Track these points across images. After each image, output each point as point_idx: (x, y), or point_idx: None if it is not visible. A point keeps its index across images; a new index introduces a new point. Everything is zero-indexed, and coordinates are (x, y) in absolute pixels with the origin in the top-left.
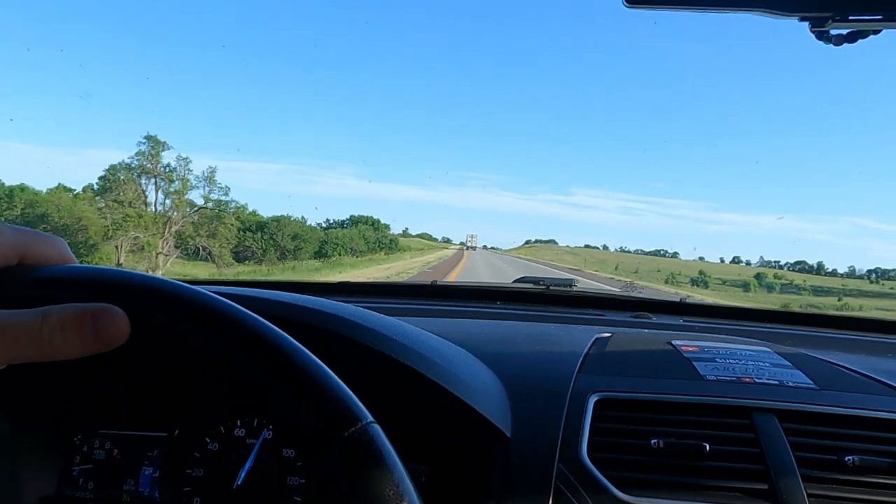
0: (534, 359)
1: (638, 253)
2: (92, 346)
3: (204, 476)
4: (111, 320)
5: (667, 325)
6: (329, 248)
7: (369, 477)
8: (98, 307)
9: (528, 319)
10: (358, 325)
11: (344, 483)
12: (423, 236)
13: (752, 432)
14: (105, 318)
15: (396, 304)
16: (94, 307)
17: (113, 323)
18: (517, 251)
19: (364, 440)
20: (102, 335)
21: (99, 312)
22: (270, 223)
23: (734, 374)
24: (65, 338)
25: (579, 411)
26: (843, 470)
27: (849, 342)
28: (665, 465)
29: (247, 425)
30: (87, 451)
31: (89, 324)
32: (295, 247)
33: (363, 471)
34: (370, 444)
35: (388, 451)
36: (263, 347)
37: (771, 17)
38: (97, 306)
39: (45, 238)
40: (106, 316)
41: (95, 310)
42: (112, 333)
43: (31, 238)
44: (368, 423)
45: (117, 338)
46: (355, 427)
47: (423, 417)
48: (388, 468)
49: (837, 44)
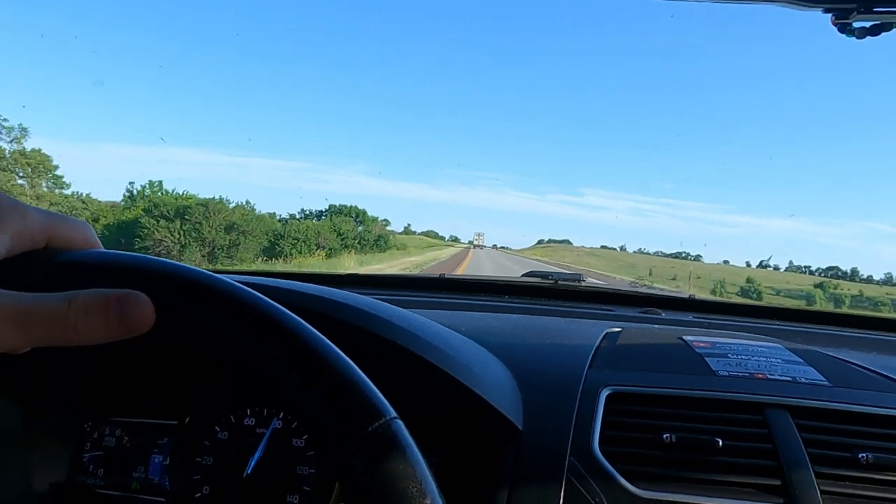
0: (545, 352)
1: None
2: (116, 332)
3: (213, 464)
4: (136, 307)
5: (677, 321)
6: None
7: (392, 473)
8: (124, 293)
9: (537, 313)
10: (370, 314)
11: (367, 478)
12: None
13: (764, 428)
14: (130, 305)
15: (405, 297)
16: (119, 293)
17: (138, 310)
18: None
19: (388, 435)
20: (127, 321)
21: (124, 298)
22: (195, 209)
23: (746, 369)
24: (89, 323)
25: (591, 405)
26: (857, 467)
27: (859, 340)
28: (677, 459)
29: (257, 415)
30: (97, 438)
31: (114, 309)
32: (230, 241)
33: (386, 466)
34: (394, 440)
35: (411, 448)
36: (290, 340)
37: (794, 8)
38: (123, 292)
39: (72, 222)
40: (131, 302)
41: (121, 295)
42: (137, 320)
43: (58, 222)
44: (392, 418)
45: (142, 325)
46: (379, 422)
47: (434, 409)
48: (411, 464)
49: (860, 37)
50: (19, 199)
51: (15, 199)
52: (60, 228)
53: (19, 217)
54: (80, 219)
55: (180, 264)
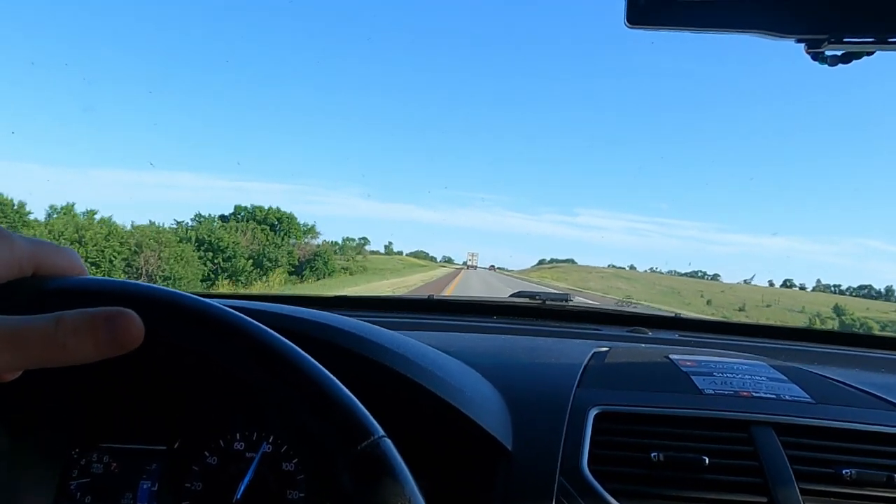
0: (533, 372)
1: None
2: (107, 349)
3: (203, 490)
4: (125, 323)
5: (663, 340)
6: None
7: (381, 491)
8: (111, 310)
9: (525, 333)
10: (360, 337)
11: (356, 497)
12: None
13: (750, 445)
14: (119, 321)
15: (393, 318)
16: (107, 310)
17: (127, 326)
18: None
19: (377, 454)
20: (117, 338)
21: (113, 316)
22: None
23: (732, 387)
24: (79, 342)
25: (580, 425)
26: (841, 483)
27: (842, 357)
28: (665, 477)
29: (246, 439)
30: (84, 465)
31: (103, 327)
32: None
33: (375, 485)
34: (382, 459)
35: (399, 466)
36: (278, 361)
37: (769, 38)
38: (111, 310)
39: (59, 250)
40: (120, 319)
41: (109, 313)
42: (126, 337)
43: (45, 250)
44: (380, 437)
45: (131, 341)
46: (368, 441)
47: (423, 430)
48: (400, 483)
49: (833, 64)
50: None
51: (1, 227)
52: (48, 256)
53: (6, 245)
54: (66, 246)
55: (169, 289)
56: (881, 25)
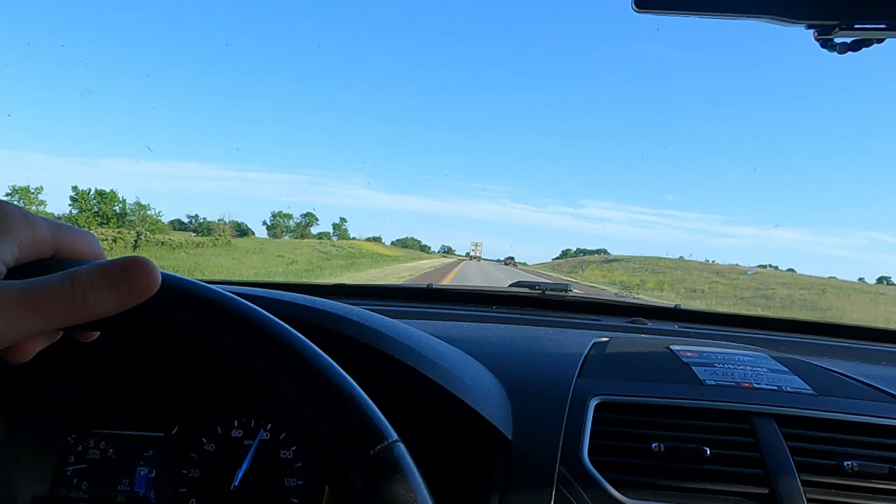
0: (534, 362)
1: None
2: (127, 299)
3: (200, 477)
4: (141, 269)
5: (663, 331)
6: None
7: (393, 497)
8: (125, 259)
9: (525, 323)
10: (361, 325)
11: (367, 501)
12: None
13: (751, 437)
14: (135, 268)
15: (392, 307)
16: (120, 260)
17: (143, 272)
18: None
19: (390, 459)
20: (135, 286)
21: (127, 263)
22: None
23: (733, 379)
24: (98, 295)
25: (580, 414)
26: (842, 475)
27: (841, 349)
28: (666, 468)
29: (244, 426)
30: (81, 451)
31: (120, 277)
32: None
33: (387, 490)
34: (395, 464)
35: (412, 472)
36: (293, 358)
37: (778, 24)
38: (123, 259)
39: (79, 233)
40: (135, 265)
41: (123, 261)
42: (144, 283)
43: (65, 233)
44: (394, 441)
45: (150, 287)
46: (381, 445)
47: (424, 419)
48: (412, 489)
49: (842, 52)
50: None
51: (24, 208)
52: (68, 239)
53: (28, 226)
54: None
55: (178, 276)
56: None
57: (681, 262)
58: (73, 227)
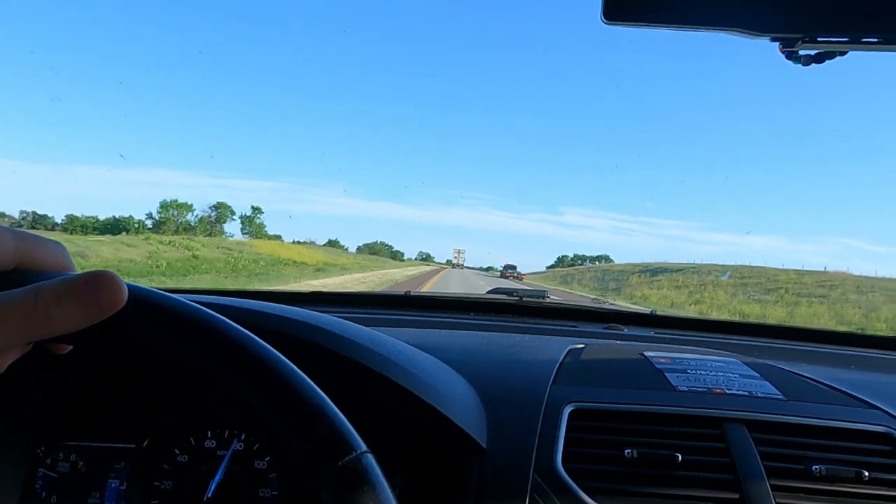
0: (508, 369)
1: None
2: (92, 314)
3: (173, 489)
4: (107, 284)
5: (638, 337)
6: None
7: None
8: (90, 273)
9: (502, 330)
10: (333, 334)
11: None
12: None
13: (723, 442)
14: (100, 283)
15: (369, 315)
16: (86, 274)
17: (109, 287)
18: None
19: (358, 470)
20: (101, 301)
21: (92, 278)
22: None
23: (705, 385)
24: (63, 311)
25: (554, 422)
26: (811, 479)
27: (812, 354)
28: (638, 474)
29: (217, 437)
30: (50, 464)
31: (85, 291)
32: None
33: (355, 502)
34: (363, 475)
35: (380, 484)
36: (256, 367)
37: (743, 36)
38: (89, 273)
39: (45, 244)
40: (100, 280)
41: (88, 276)
42: (110, 298)
43: (30, 244)
44: (362, 452)
45: (115, 302)
46: (349, 457)
47: (397, 427)
48: (380, 501)
49: (806, 64)
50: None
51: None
52: (33, 250)
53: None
54: (53, 240)
55: (146, 287)
56: (854, 25)
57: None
58: (39, 237)
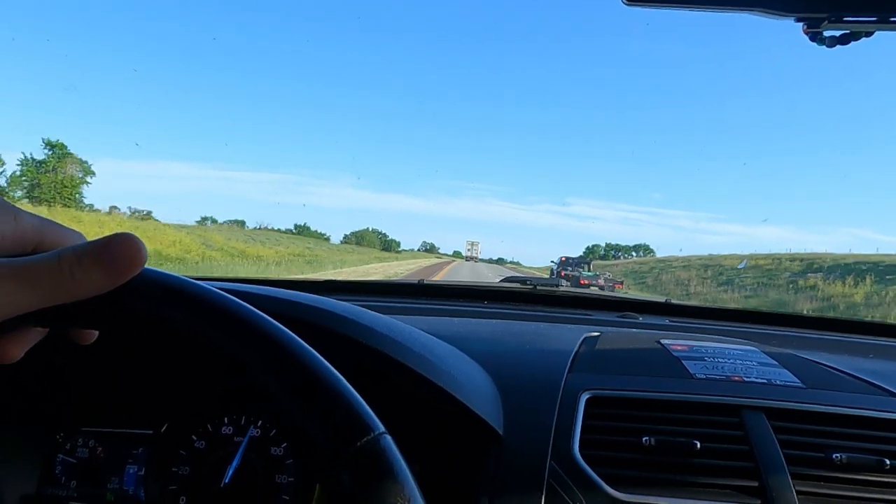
0: (524, 357)
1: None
2: (114, 274)
3: (190, 474)
4: (126, 245)
5: (654, 325)
6: None
7: (380, 489)
8: (108, 237)
9: (516, 318)
10: (350, 320)
11: (354, 494)
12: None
13: (741, 430)
14: (120, 245)
15: (383, 303)
16: (104, 238)
17: (128, 248)
18: None
19: (376, 451)
20: (121, 262)
21: (110, 240)
22: None
23: (723, 372)
24: (85, 272)
25: (571, 409)
26: (831, 467)
27: (832, 343)
28: (656, 462)
29: (234, 423)
30: (69, 449)
31: (105, 252)
32: None
33: (374, 483)
34: (381, 456)
35: (399, 464)
36: (277, 351)
37: (767, 17)
38: (107, 237)
39: (64, 231)
40: (120, 242)
41: (107, 239)
42: (130, 259)
43: (50, 228)
44: (380, 433)
45: (136, 262)
46: (367, 437)
47: (415, 414)
48: (399, 481)
49: (831, 45)
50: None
51: (6, 200)
52: (52, 235)
53: (10, 218)
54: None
55: (163, 272)
56: (882, 4)
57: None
58: (60, 225)
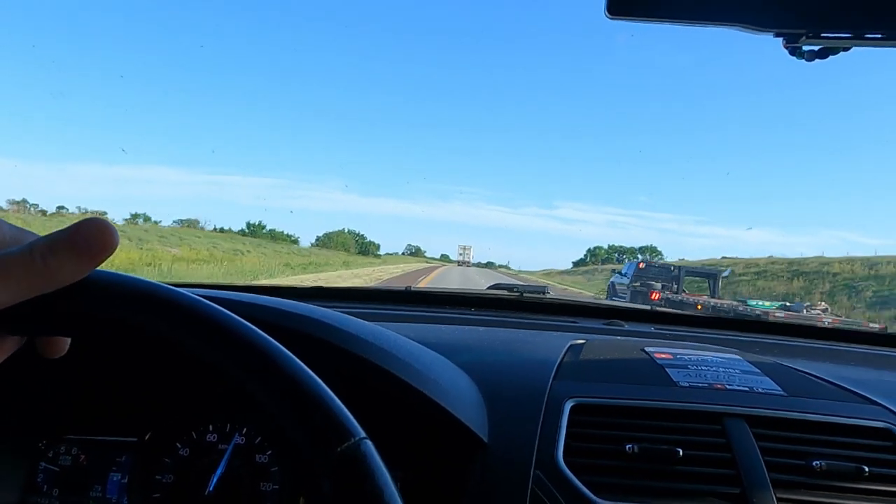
0: (510, 365)
1: None
2: (87, 259)
3: (174, 482)
4: (97, 229)
5: (639, 333)
6: None
7: (361, 494)
8: (78, 223)
9: (503, 326)
10: (335, 328)
11: (335, 499)
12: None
13: (723, 437)
14: (91, 228)
15: (370, 310)
16: (74, 224)
17: (100, 231)
18: None
19: (357, 456)
20: (94, 245)
21: (82, 224)
22: None
23: (706, 380)
24: (58, 260)
25: (555, 417)
26: (811, 474)
27: (813, 350)
28: (639, 469)
29: (219, 430)
30: (52, 457)
31: (76, 238)
32: None
33: (355, 488)
34: (362, 461)
35: (380, 469)
36: (256, 357)
37: (748, 32)
38: (77, 223)
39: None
40: (90, 226)
41: (77, 225)
42: (102, 242)
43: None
44: (361, 438)
45: (108, 246)
46: (347, 443)
47: (399, 421)
48: (379, 486)
49: (809, 59)
50: None
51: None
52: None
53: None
54: None
55: (144, 279)
56: (857, 21)
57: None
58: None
